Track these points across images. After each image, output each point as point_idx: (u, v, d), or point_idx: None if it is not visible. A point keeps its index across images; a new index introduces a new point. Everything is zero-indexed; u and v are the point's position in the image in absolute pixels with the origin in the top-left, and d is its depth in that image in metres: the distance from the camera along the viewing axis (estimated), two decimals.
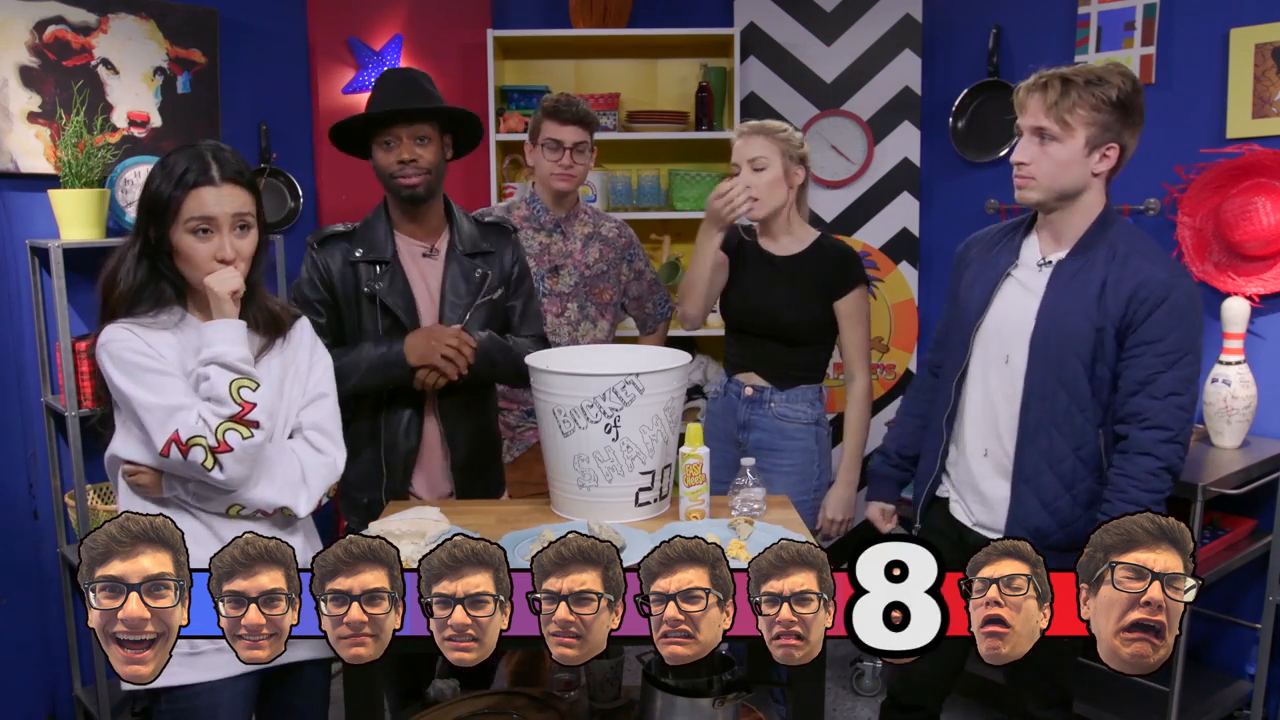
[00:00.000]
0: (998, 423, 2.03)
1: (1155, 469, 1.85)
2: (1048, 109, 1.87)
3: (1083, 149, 1.88)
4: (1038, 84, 1.90)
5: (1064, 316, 1.92)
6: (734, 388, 2.58)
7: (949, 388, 2.11)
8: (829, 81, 3.65)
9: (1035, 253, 2.02)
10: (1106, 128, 1.87)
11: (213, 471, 1.63)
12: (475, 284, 2.28)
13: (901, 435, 2.32)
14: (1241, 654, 2.88)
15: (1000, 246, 2.09)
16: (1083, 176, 1.91)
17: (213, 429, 1.62)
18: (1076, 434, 1.93)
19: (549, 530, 1.86)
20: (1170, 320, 1.85)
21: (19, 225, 2.83)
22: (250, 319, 1.75)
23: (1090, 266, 1.92)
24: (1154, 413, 1.85)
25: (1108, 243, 1.92)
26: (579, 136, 2.63)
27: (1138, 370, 1.87)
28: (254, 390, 1.66)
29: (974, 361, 2.07)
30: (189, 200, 1.66)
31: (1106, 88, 1.85)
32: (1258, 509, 2.72)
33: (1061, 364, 1.92)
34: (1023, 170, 1.93)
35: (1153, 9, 2.96)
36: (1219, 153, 2.79)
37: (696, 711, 1.84)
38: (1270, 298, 2.76)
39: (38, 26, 2.79)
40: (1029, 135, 1.92)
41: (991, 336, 2.04)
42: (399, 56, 3.56)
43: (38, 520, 2.93)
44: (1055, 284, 1.95)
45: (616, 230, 2.79)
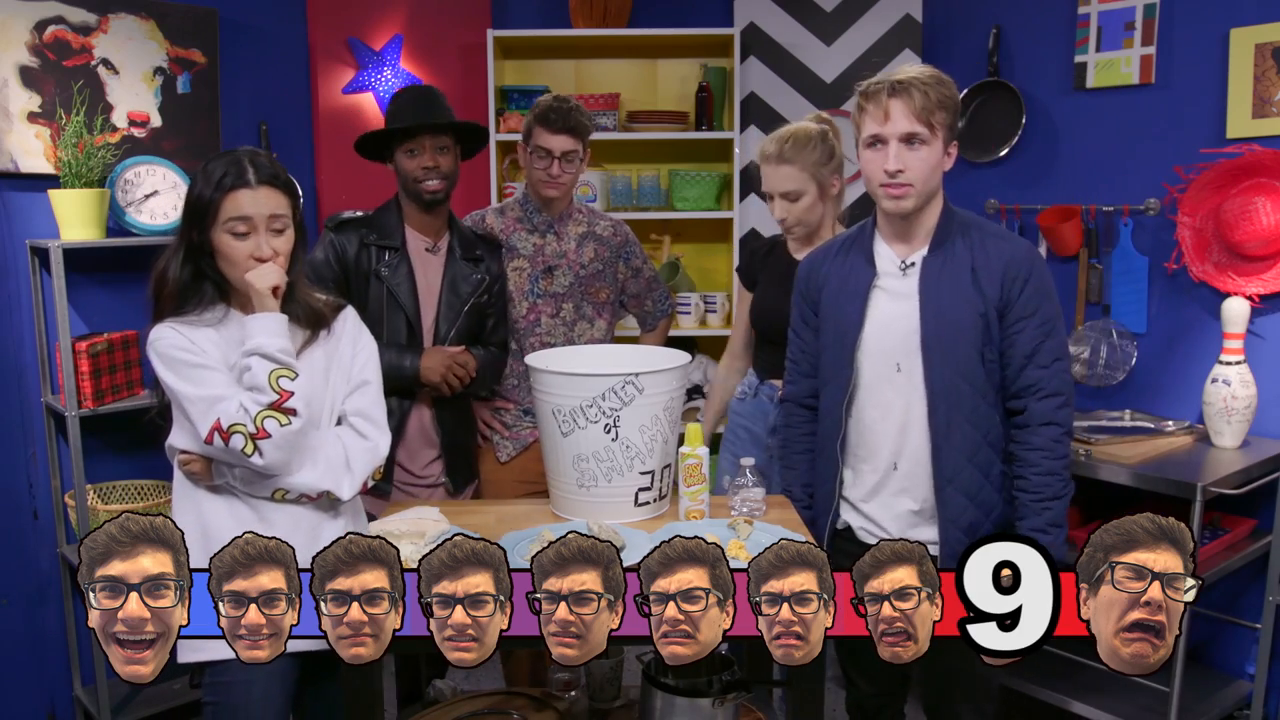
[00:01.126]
0: (905, 432, 2.00)
1: (1059, 435, 1.92)
2: (917, 113, 1.87)
3: (942, 150, 1.94)
4: (898, 89, 1.88)
5: (946, 310, 1.94)
6: (767, 390, 2.52)
7: (836, 414, 2.06)
8: (829, 81, 3.65)
9: (892, 259, 2.02)
10: (952, 128, 1.94)
11: (252, 457, 1.71)
12: (472, 286, 2.52)
13: (800, 475, 2.22)
14: (1241, 654, 2.88)
15: (851, 261, 2.06)
16: (939, 178, 1.96)
17: (252, 416, 1.70)
18: (983, 421, 1.96)
19: (549, 530, 1.86)
20: (1040, 292, 1.93)
21: (19, 225, 2.83)
22: (291, 314, 1.84)
23: (953, 257, 1.96)
24: (1046, 381, 1.92)
25: (959, 231, 1.98)
26: (568, 146, 2.60)
27: (1022, 344, 1.93)
28: (292, 379, 1.74)
29: (862, 381, 2.03)
30: (226, 202, 1.74)
31: (950, 90, 1.93)
32: (1258, 509, 2.72)
33: (956, 357, 1.94)
34: (900, 179, 1.90)
35: (1153, 9, 2.96)
36: (1219, 153, 2.79)
37: (696, 711, 1.84)
38: (1270, 298, 2.76)
39: (38, 26, 2.79)
40: (897, 142, 1.89)
41: (874, 350, 2.01)
42: (399, 56, 3.56)
43: (38, 520, 2.93)
44: (927, 281, 1.96)
45: (611, 229, 2.79)
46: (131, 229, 2.85)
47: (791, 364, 2.23)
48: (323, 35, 3.48)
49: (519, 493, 2.69)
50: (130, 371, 2.85)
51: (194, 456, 1.78)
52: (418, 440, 2.52)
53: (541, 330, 2.69)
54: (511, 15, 3.82)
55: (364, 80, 3.52)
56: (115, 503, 2.91)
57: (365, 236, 2.45)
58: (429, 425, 2.52)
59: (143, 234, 2.85)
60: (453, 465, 2.56)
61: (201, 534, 1.75)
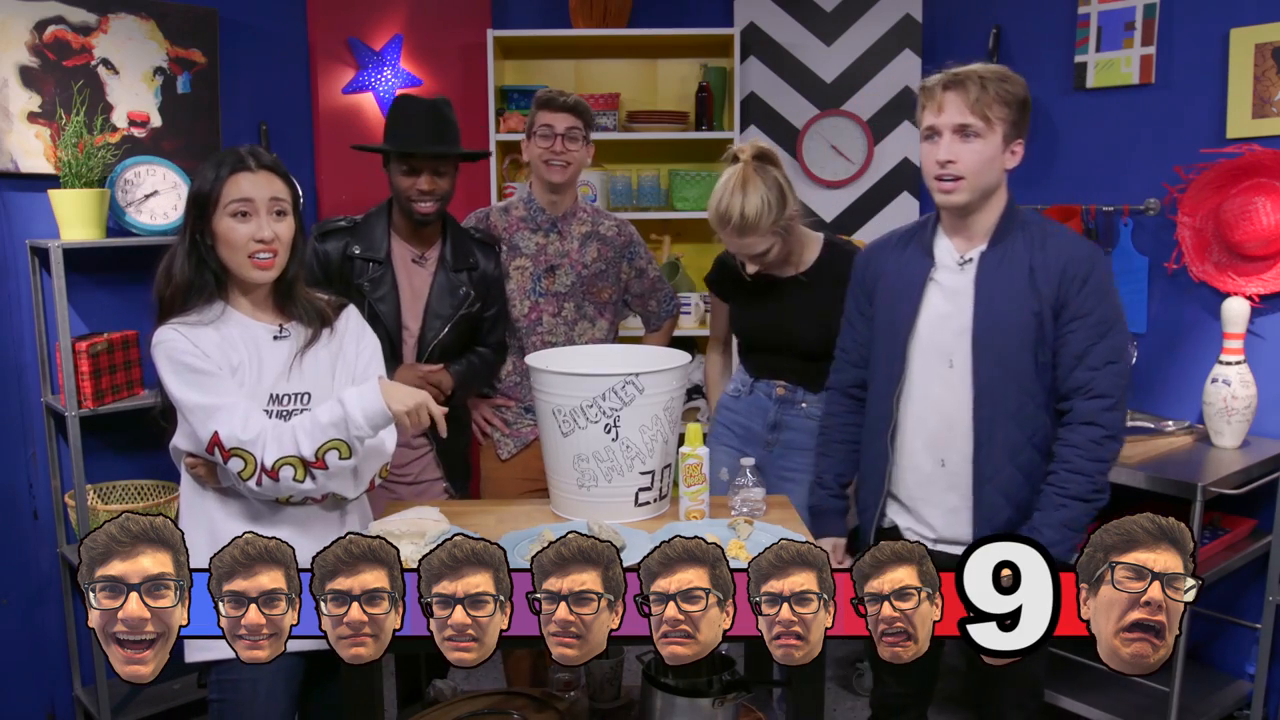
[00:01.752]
0: (953, 429, 1.99)
1: (1100, 437, 1.88)
2: (971, 105, 1.87)
3: (1000, 144, 1.90)
4: (952, 82, 1.89)
5: (1000, 307, 1.92)
6: (763, 387, 2.51)
7: (886, 405, 2.05)
8: (829, 81, 3.65)
9: (951, 253, 2.01)
10: (1015, 124, 1.91)
11: (248, 483, 1.71)
12: (459, 299, 2.49)
13: (837, 463, 2.21)
14: (1241, 654, 2.88)
15: (909, 253, 2.06)
16: (998, 174, 1.93)
17: (278, 454, 1.69)
18: (1029, 422, 1.94)
19: (549, 530, 1.86)
20: (1098, 293, 1.89)
21: (19, 225, 2.83)
22: (294, 314, 1.86)
23: (1012, 254, 1.94)
24: (1094, 382, 1.88)
25: (1021, 229, 1.95)
26: (571, 122, 2.61)
27: (1074, 344, 1.90)
28: (341, 458, 1.72)
29: (913, 373, 2.02)
30: (228, 186, 1.75)
31: (1013, 85, 1.90)
32: (1258, 509, 2.72)
33: (1007, 354, 1.92)
34: (950, 169, 1.90)
35: (1153, 9, 2.96)
36: (1219, 153, 2.79)
37: (696, 711, 1.84)
38: (1270, 298, 2.76)
39: (38, 26, 2.79)
40: (951, 134, 1.90)
41: (928, 344, 2.00)
42: (399, 56, 3.56)
43: (38, 520, 2.93)
44: (983, 277, 1.95)
45: (616, 229, 2.79)
46: (131, 229, 2.85)
47: (841, 352, 2.22)
48: (323, 35, 3.48)
49: (520, 490, 2.70)
50: (130, 371, 2.84)
51: (199, 460, 1.78)
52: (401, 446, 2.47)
53: (543, 329, 2.69)
54: (511, 15, 3.82)
55: (364, 80, 3.52)
56: (115, 503, 2.91)
57: (349, 248, 2.41)
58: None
59: (143, 234, 2.85)
60: (451, 468, 2.55)
61: (210, 535, 1.75)
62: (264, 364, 1.81)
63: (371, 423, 1.72)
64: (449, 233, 2.52)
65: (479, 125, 3.59)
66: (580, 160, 2.67)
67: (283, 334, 1.85)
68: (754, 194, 2.25)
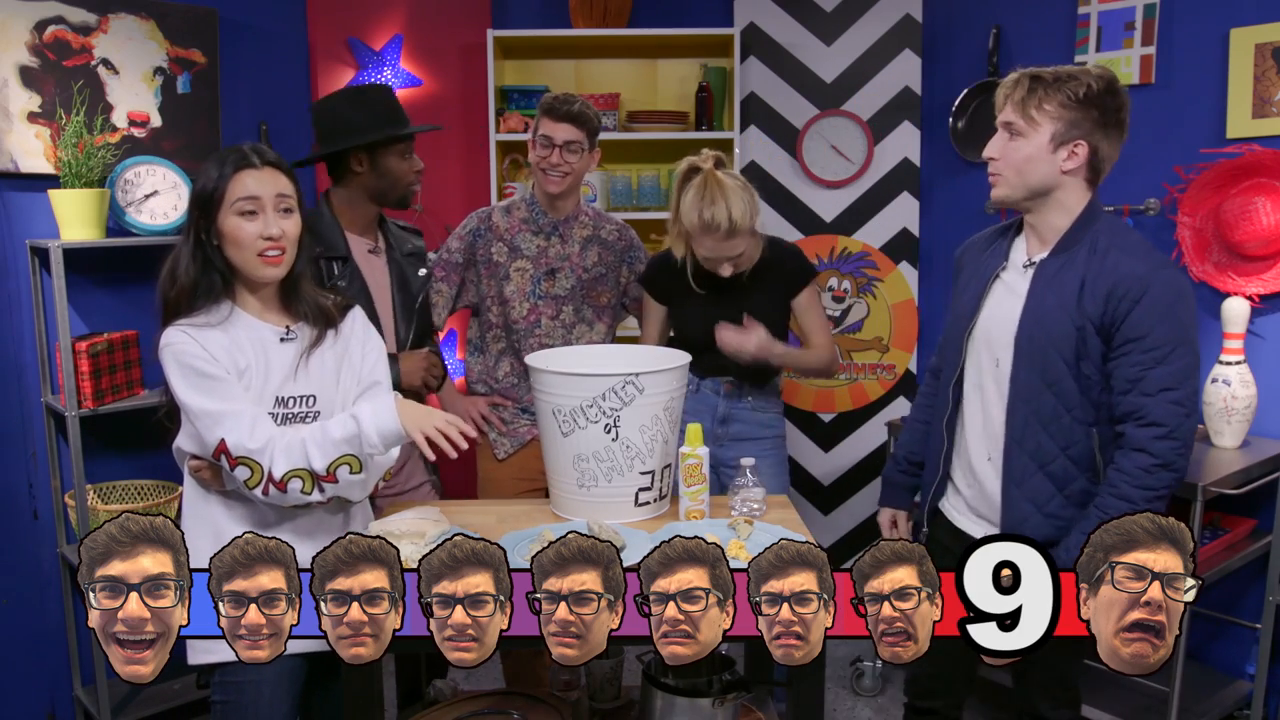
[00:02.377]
0: (995, 427, 2.01)
1: (1149, 465, 1.82)
2: (1016, 105, 1.89)
3: (1047, 144, 1.88)
4: (1015, 81, 1.92)
5: (1045, 316, 1.91)
6: (711, 384, 2.63)
7: (948, 391, 2.10)
8: (829, 81, 3.65)
9: (1022, 254, 2.02)
10: (1074, 124, 1.87)
11: (254, 491, 1.71)
12: (419, 283, 2.54)
13: (909, 441, 2.30)
14: (1241, 654, 2.88)
15: (992, 249, 2.09)
16: (1051, 173, 1.90)
17: (287, 466, 1.69)
18: (1064, 434, 1.91)
19: (549, 530, 1.86)
20: (1153, 315, 1.81)
21: (19, 225, 2.83)
22: (299, 313, 1.85)
23: (1070, 265, 1.91)
24: (1148, 410, 1.82)
25: (1089, 240, 1.91)
26: (571, 135, 2.58)
27: (1127, 368, 1.84)
28: (352, 473, 1.73)
29: (969, 366, 2.06)
30: (233, 184, 1.74)
31: (1075, 85, 1.86)
32: (1258, 509, 2.72)
33: (1046, 364, 1.90)
34: (993, 166, 1.95)
35: (1153, 9, 2.96)
36: (1219, 153, 2.79)
37: (696, 711, 1.84)
38: (1270, 298, 2.76)
39: (38, 26, 2.79)
40: (1000, 131, 1.94)
41: (982, 341, 2.03)
42: (399, 56, 3.56)
43: (38, 520, 2.93)
44: (1037, 284, 1.94)
45: (616, 233, 2.78)
46: (131, 229, 2.85)
47: (942, 336, 2.25)
48: (323, 35, 3.48)
49: (518, 490, 2.70)
50: (130, 371, 2.84)
51: (204, 463, 1.78)
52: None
53: (541, 332, 2.69)
54: (511, 15, 3.82)
55: (364, 80, 3.51)
56: (115, 503, 2.91)
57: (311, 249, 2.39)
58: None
59: (143, 234, 2.85)
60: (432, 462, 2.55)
61: (214, 538, 1.74)
62: (271, 366, 1.80)
63: (385, 441, 1.73)
64: (386, 222, 2.55)
65: (479, 125, 3.59)
66: (580, 171, 2.65)
67: (289, 335, 1.84)
68: (735, 197, 2.38)
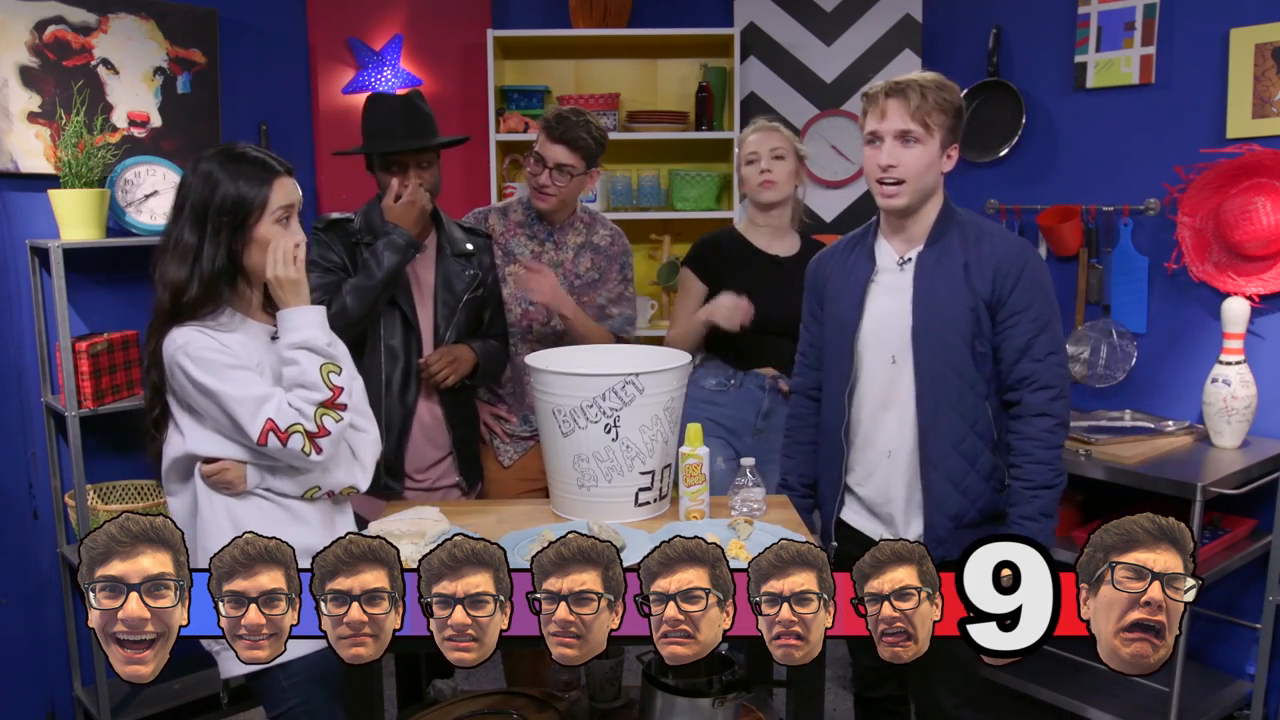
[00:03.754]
0: (899, 421, 2.07)
1: (1051, 426, 1.98)
2: (911, 113, 1.96)
3: (939, 150, 2.00)
4: (895, 90, 1.98)
5: (938, 303, 2.01)
6: (754, 380, 2.67)
7: (839, 402, 2.14)
8: (829, 81, 3.65)
9: (891, 255, 2.10)
10: (952, 131, 2.01)
11: (311, 455, 1.73)
12: (465, 283, 2.49)
13: (799, 465, 2.30)
14: (1241, 654, 2.88)
15: (854, 258, 2.16)
16: (936, 178, 2.03)
17: (310, 416, 1.72)
18: (970, 411, 2.02)
19: (549, 530, 1.86)
20: (1032, 288, 1.98)
21: (19, 225, 2.83)
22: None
23: (948, 253, 2.03)
24: (1039, 373, 1.98)
25: (956, 229, 2.05)
26: (564, 159, 2.55)
27: (1016, 338, 1.98)
28: (339, 374, 1.77)
29: (862, 371, 2.11)
30: (275, 192, 1.76)
31: (951, 94, 2.00)
32: (1258, 509, 2.72)
33: (946, 348, 2.00)
34: (892, 174, 2.00)
35: (1153, 9, 2.96)
36: (1219, 153, 2.79)
37: (696, 711, 1.84)
38: (1270, 298, 2.76)
39: (38, 26, 2.79)
40: (892, 139, 1.99)
41: (871, 342, 2.09)
42: (399, 56, 3.56)
43: (38, 520, 2.93)
44: (921, 276, 2.04)
45: (610, 238, 2.76)
46: (131, 229, 2.86)
47: (800, 356, 2.32)
48: (323, 35, 3.48)
49: (520, 490, 2.70)
50: (130, 371, 2.85)
51: (228, 464, 1.75)
52: (424, 442, 2.47)
53: (532, 338, 2.68)
54: (511, 15, 3.82)
55: (364, 80, 3.52)
56: (115, 503, 2.91)
57: (355, 235, 2.39)
58: (439, 424, 2.48)
59: (143, 234, 2.85)
60: (464, 462, 2.54)
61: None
62: (271, 365, 1.81)
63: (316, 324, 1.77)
64: (441, 224, 2.51)
65: (479, 125, 3.59)
66: (571, 192, 2.61)
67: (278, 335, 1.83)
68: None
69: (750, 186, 2.69)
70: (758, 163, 2.64)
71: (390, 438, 2.38)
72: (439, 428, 2.48)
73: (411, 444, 2.45)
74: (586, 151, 2.58)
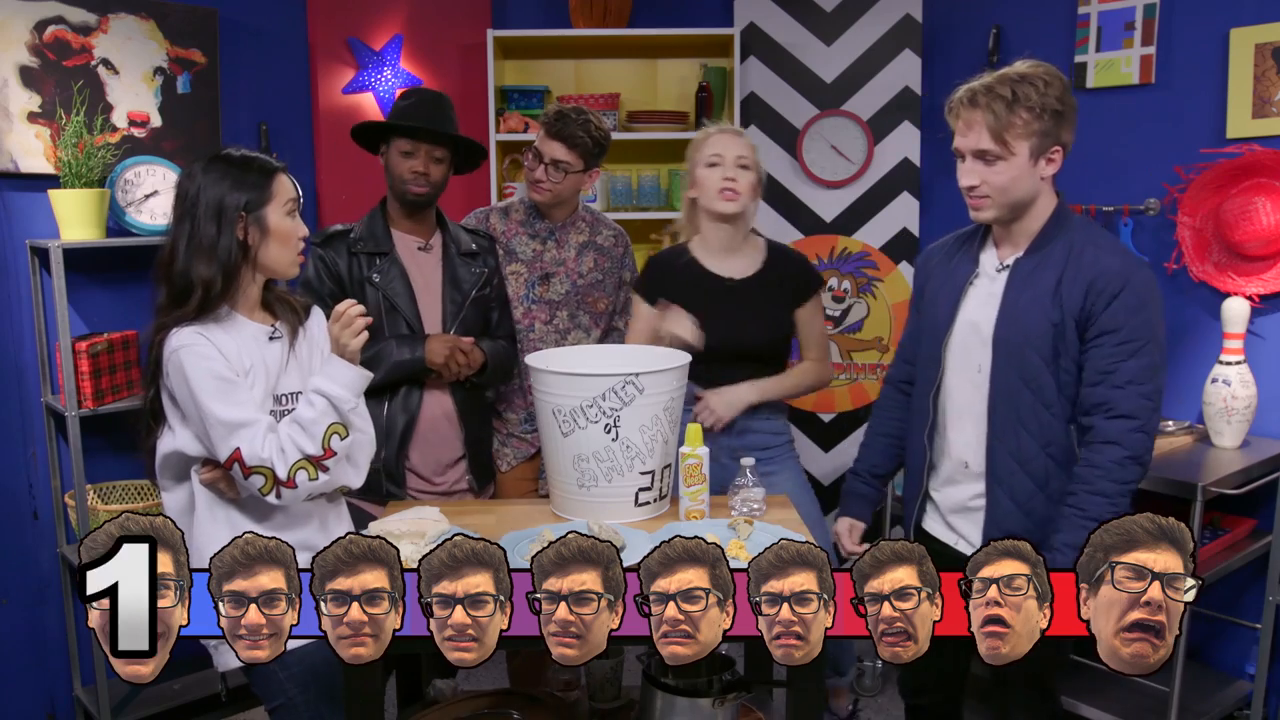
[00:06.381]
0: (975, 431, 2.01)
1: (1121, 458, 1.83)
2: (990, 129, 1.85)
3: (1028, 161, 1.87)
4: (973, 100, 1.87)
5: (1021, 314, 1.92)
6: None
7: (925, 402, 2.09)
8: (829, 81, 3.64)
9: (994, 259, 2.02)
10: (1046, 134, 1.86)
11: (268, 497, 1.72)
12: (472, 281, 2.49)
13: (872, 454, 2.28)
14: (1241, 654, 2.88)
15: (959, 257, 2.09)
16: (1033, 185, 1.91)
17: (287, 464, 1.71)
18: (1044, 431, 1.92)
19: (549, 530, 1.86)
20: (1127, 310, 1.84)
21: (19, 225, 2.83)
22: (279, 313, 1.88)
23: (1046, 263, 1.92)
24: (1117, 401, 1.83)
25: (1064, 239, 1.92)
26: (561, 155, 2.57)
27: (1099, 360, 1.86)
28: (342, 439, 1.76)
29: (948, 374, 2.05)
30: (280, 186, 1.81)
31: (1041, 97, 1.84)
32: (1258, 509, 2.72)
33: (1023, 362, 1.91)
34: (975, 192, 1.91)
35: (1153, 9, 2.96)
36: (1219, 153, 2.79)
37: (696, 711, 1.84)
38: (1270, 298, 2.76)
39: (38, 26, 2.79)
40: (973, 158, 1.89)
41: (960, 347, 2.03)
42: (399, 56, 3.56)
43: (38, 520, 2.93)
44: (1013, 284, 1.95)
45: (613, 239, 2.77)
46: (131, 229, 2.85)
47: (899, 349, 2.28)
48: (323, 35, 3.48)
49: (521, 490, 2.70)
50: (130, 371, 2.84)
51: (219, 473, 1.77)
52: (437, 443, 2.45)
53: (534, 336, 2.68)
54: (511, 15, 3.82)
55: (364, 80, 3.52)
56: (115, 503, 2.91)
57: (353, 245, 2.40)
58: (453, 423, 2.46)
59: (143, 234, 2.85)
60: (476, 462, 2.52)
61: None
62: (268, 365, 1.82)
63: (352, 388, 1.77)
64: (446, 225, 2.53)
65: (479, 125, 3.59)
66: (568, 189, 2.62)
67: (276, 334, 1.87)
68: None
69: (707, 192, 2.42)
70: (720, 167, 2.40)
71: (391, 443, 2.38)
72: (452, 426, 2.46)
73: (425, 446, 2.43)
74: (584, 150, 2.59)
